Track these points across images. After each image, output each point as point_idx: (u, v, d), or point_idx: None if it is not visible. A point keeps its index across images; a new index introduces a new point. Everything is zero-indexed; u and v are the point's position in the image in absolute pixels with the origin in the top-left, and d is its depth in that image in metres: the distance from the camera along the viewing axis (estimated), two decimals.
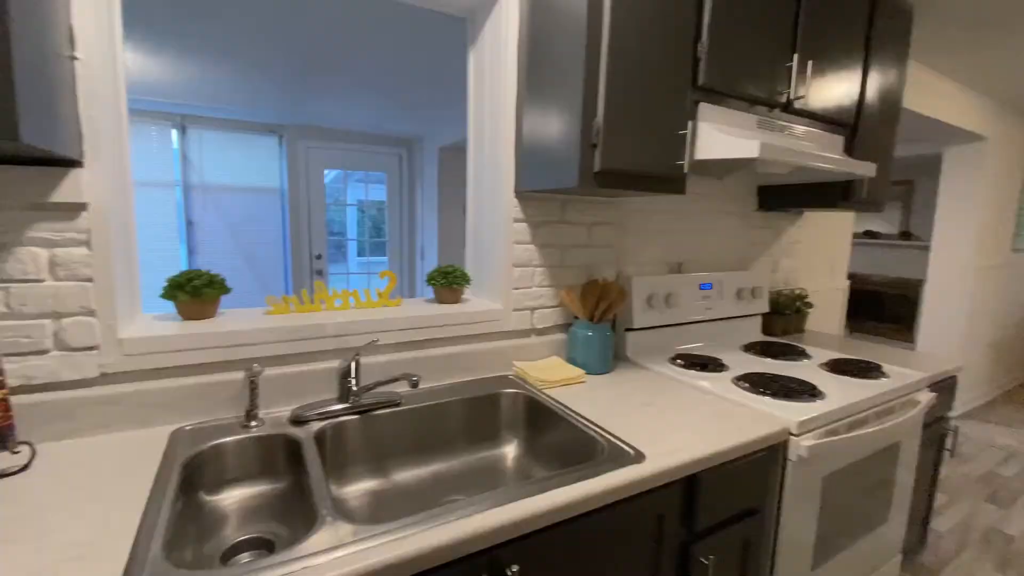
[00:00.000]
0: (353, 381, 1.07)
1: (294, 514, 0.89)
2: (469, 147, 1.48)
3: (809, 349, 1.69)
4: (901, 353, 1.72)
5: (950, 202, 3.44)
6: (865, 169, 1.44)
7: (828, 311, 2.39)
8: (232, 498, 0.93)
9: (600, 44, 1.04)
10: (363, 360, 1.15)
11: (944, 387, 1.59)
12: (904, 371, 1.46)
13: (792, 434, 1.08)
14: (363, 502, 1.03)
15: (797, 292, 2.03)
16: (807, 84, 1.41)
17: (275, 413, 1.07)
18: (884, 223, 6.01)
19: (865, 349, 1.75)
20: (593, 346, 1.39)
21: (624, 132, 1.10)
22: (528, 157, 1.26)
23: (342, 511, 0.98)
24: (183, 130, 3.84)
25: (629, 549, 0.89)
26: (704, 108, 1.24)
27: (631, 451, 0.92)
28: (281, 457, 0.96)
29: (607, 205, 1.52)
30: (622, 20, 1.05)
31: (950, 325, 3.48)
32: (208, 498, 0.92)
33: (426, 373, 1.26)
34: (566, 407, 1.13)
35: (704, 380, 1.33)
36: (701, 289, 1.69)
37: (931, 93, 2.77)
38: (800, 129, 1.47)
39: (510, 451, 1.22)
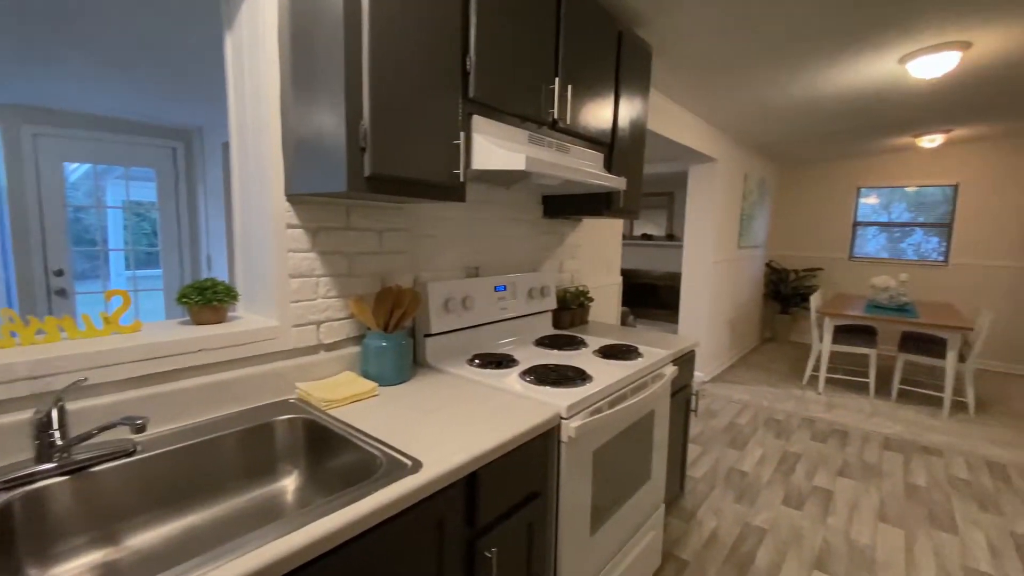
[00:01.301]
0: (56, 434, 0.84)
1: None
2: (232, 143, 1.31)
3: (588, 339, 1.91)
4: (659, 335, 2.07)
5: (694, 210, 4.29)
6: (618, 183, 1.69)
7: (607, 303, 2.76)
8: None
9: (361, 44, 1.01)
10: (77, 405, 0.92)
11: (685, 360, 1.96)
12: (655, 351, 1.75)
13: (563, 418, 1.20)
14: None
15: (580, 289, 2.29)
16: (568, 106, 1.59)
17: None
18: (656, 227, 7.22)
19: (633, 334, 2.06)
20: (387, 357, 1.35)
21: (397, 137, 1.09)
22: (297, 157, 1.16)
23: None
24: None
25: (410, 562, 0.87)
26: (478, 121, 1.30)
27: (408, 462, 0.90)
28: None
29: (397, 211, 1.49)
30: (383, 22, 1.04)
31: (700, 308, 4.34)
32: None
33: (179, 409, 1.06)
34: (349, 426, 1.07)
35: (495, 378, 1.40)
36: (496, 291, 1.79)
37: (679, 123, 3.44)
38: (569, 146, 1.65)
39: (289, 484, 1.11)
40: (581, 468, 1.29)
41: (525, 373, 1.42)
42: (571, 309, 2.18)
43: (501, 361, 1.55)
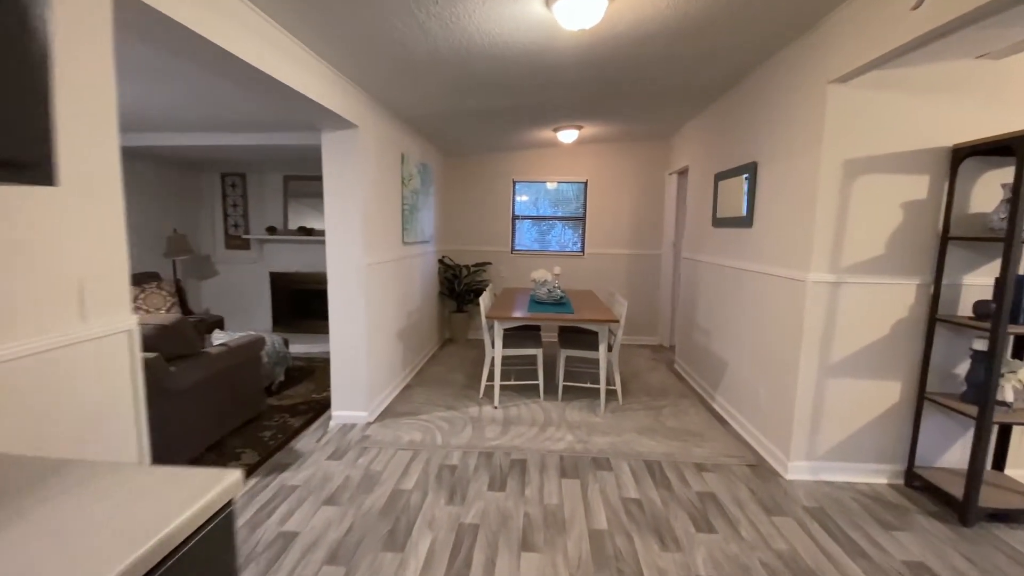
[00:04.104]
0: None
1: None
2: None
3: None
4: (166, 476, 0.75)
5: (334, 193, 3.12)
6: None
7: (72, 386, 1.21)
8: None
9: None
10: None
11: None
12: None
13: None
14: None
15: None
16: None
17: None
18: (319, 219, 5.86)
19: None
20: None
21: None
22: None
23: None
24: None
25: None
26: None
27: None
28: None
29: None
30: None
31: (356, 326, 3.24)
32: None
33: None
34: None
35: None
36: None
37: (307, 71, 2.26)
38: None
39: None
40: None
41: None
42: None
43: None
